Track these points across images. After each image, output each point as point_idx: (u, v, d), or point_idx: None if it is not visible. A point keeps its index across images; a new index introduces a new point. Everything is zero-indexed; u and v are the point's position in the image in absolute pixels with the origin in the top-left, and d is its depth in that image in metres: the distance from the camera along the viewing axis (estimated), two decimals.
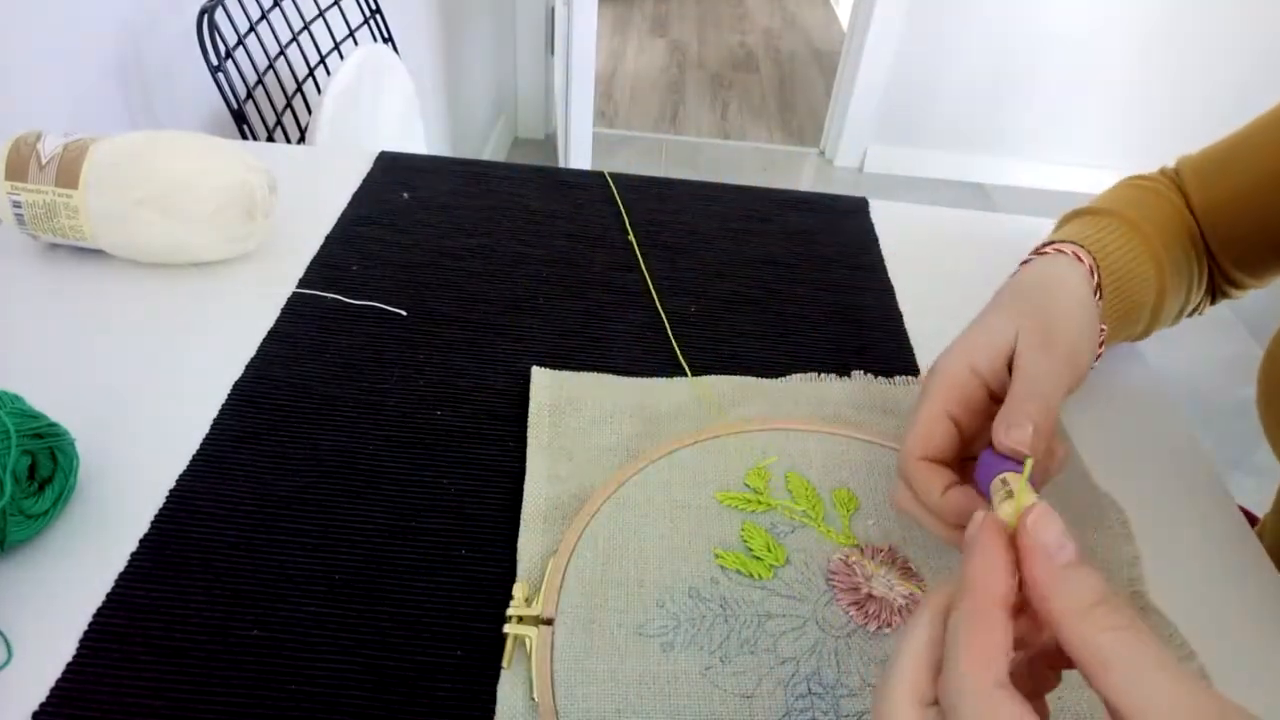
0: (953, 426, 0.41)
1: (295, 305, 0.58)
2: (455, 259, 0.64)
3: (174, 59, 0.96)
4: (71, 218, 0.56)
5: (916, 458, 0.40)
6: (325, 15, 1.18)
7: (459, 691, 0.38)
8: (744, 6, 4.10)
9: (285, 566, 0.42)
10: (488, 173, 0.75)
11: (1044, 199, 2.75)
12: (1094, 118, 2.67)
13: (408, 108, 1.29)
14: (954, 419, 0.41)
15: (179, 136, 0.59)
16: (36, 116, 0.75)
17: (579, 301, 0.61)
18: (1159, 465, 0.52)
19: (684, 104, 3.18)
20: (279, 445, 0.48)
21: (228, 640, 0.39)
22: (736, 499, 0.46)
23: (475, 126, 2.36)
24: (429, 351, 0.56)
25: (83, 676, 0.37)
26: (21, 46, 0.74)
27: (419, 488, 0.47)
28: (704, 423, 0.51)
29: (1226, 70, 2.53)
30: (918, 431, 0.41)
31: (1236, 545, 0.48)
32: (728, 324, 0.60)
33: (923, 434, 0.41)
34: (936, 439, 0.41)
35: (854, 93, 2.66)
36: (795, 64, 3.57)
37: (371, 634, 0.40)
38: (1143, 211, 0.55)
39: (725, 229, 0.71)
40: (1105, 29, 2.49)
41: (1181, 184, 0.58)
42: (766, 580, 0.42)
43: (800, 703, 0.37)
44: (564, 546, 0.43)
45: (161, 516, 0.44)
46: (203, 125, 1.03)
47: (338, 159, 0.76)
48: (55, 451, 0.42)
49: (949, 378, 0.42)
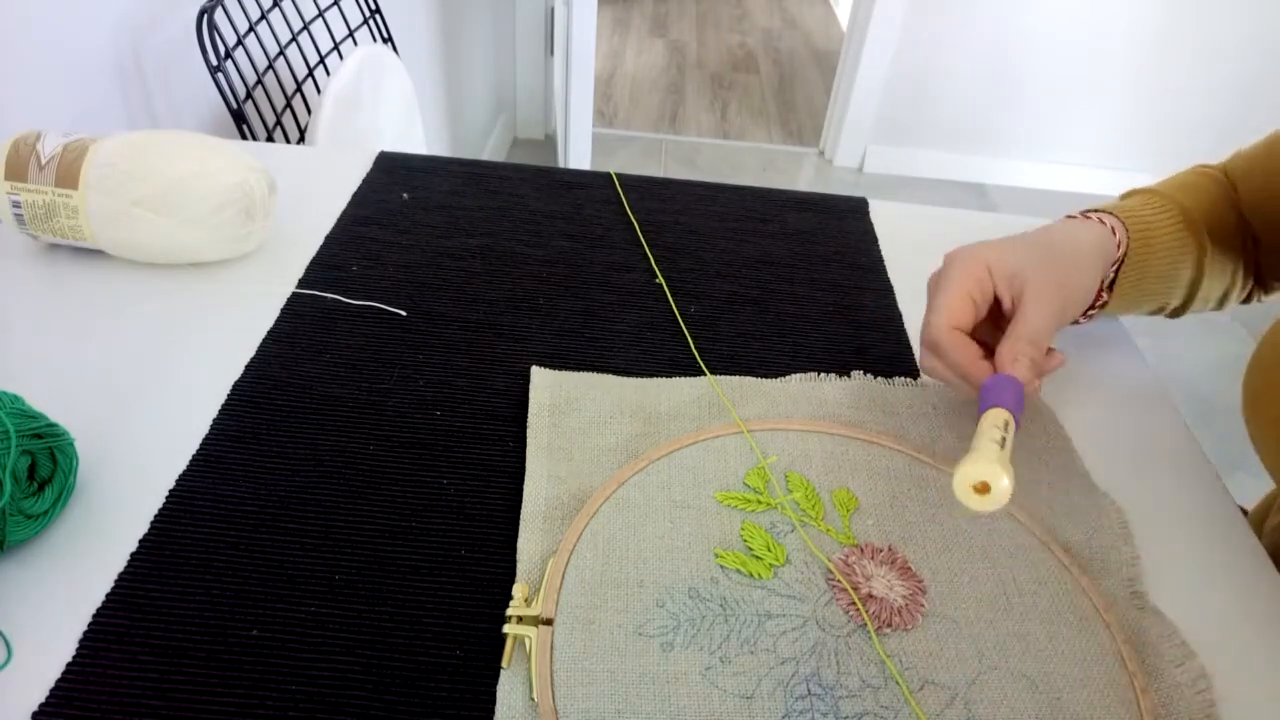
0: (973, 307, 0.49)
1: (295, 305, 0.58)
2: (455, 259, 0.64)
3: (174, 59, 0.96)
4: (71, 218, 0.56)
5: (950, 328, 0.48)
6: (325, 15, 1.18)
7: (459, 691, 0.38)
8: (743, 7, 4.10)
9: (285, 566, 0.42)
10: (488, 173, 0.75)
11: (1043, 199, 2.75)
12: (1093, 117, 2.67)
13: (407, 108, 1.29)
14: (973, 300, 0.49)
15: (179, 137, 0.59)
16: (36, 116, 0.75)
17: (579, 301, 0.61)
18: (1159, 465, 0.52)
19: (684, 104, 3.18)
20: (279, 445, 0.48)
21: (228, 640, 0.39)
22: (736, 499, 0.46)
23: (475, 126, 2.36)
24: (429, 351, 0.55)
25: (83, 676, 0.37)
26: (21, 46, 0.74)
27: (419, 488, 0.47)
28: (704, 423, 0.51)
29: (1226, 70, 2.53)
30: (949, 304, 0.48)
31: (1236, 545, 0.48)
32: (727, 324, 0.60)
33: (954, 307, 0.48)
34: (963, 314, 0.48)
35: (853, 93, 2.66)
36: (795, 64, 3.57)
37: (371, 634, 0.40)
38: (1196, 198, 0.58)
39: (725, 229, 0.71)
40: (1105, 29, 2.49)
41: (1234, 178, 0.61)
42: (766, 580, 0.42)
43: (800, 703, 0.37)
44: (564, 547, 0.43)
45: (161, 516, 0.44)
46: (202, 125, 1.03)
47: (338, 159, 0.76)
48: (55, 451, 0.42)
49: (971, 266, 0.49)
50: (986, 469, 0.39)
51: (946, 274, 0.50)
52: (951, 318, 0.48)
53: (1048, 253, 0.50)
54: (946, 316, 0.48)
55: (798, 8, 4.12)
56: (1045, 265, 0.49)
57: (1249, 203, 0.59)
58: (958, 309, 0.48)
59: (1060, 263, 0.50)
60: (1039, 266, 0.49)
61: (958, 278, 0.49)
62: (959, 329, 0.48)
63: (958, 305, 0.48)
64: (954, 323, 0.48)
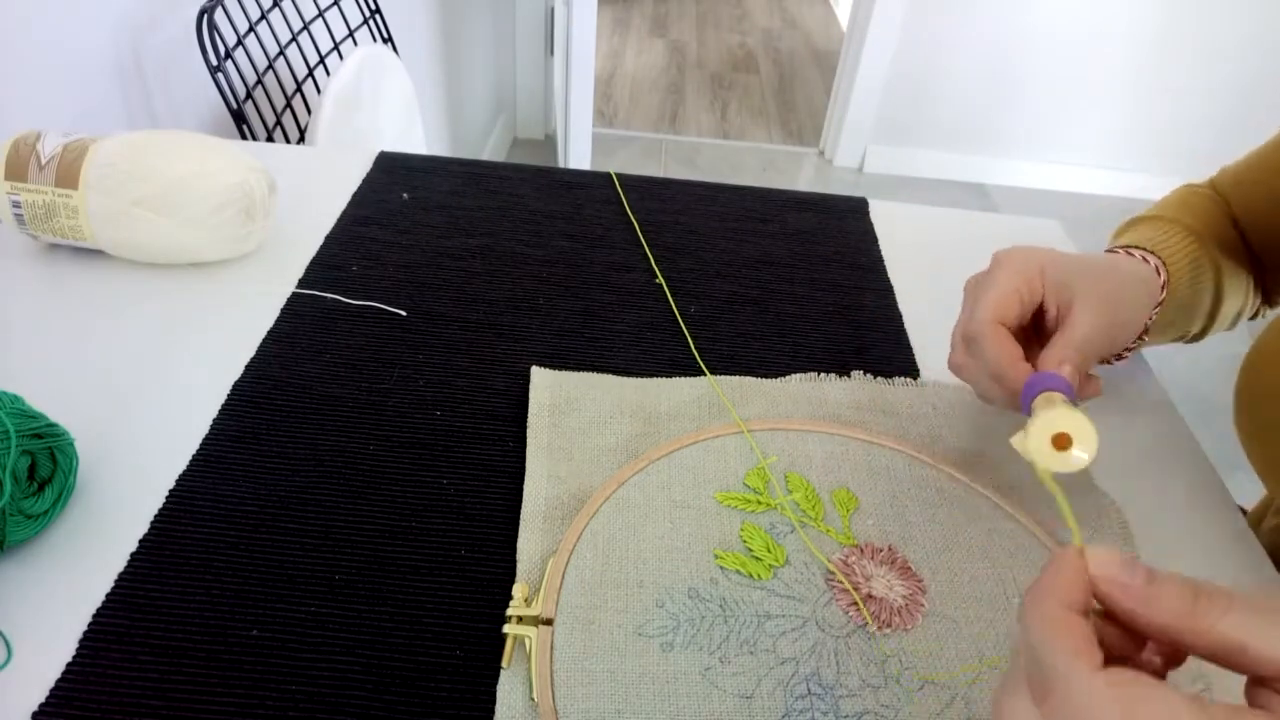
0: (1019, 306, 0.45)
1: (295, 305, 0.58)
2: (455, 259, 0.64)
3: (174, 59, 0.96)
4: (71, 218, 0.56)
5: (995, 321, 0.44)
6: (325, 15, 1.18)
7: (459, 691, 0.38)
8: (743, 7, 4.10)
9: (285, 566, 0.42)
10: (488, 173, 0.75)
11: (1044, 199, 2.75)
12: (1093, 117, 2.67)
13: (407, 108, 1.29)
14: (1021, 300, 0.45)
15: (179, 137, 0.59)
16: (36, 116, 0.75)
17: (579, 301, 0.61)
18: (1159, 465, 0.52)
19: (684, 104, 3.18)
20: (279, 445, 0.48)
21: (228, 640, 0.39)
22: (736, 499, 0.46)
23: (475, 126, 2.36)
24: (429, 351, 0.56)
25: (83, 676, 0.37)
26: (21, 46, 0.74)
27: (419, 488, 0.47)
28: (704, 423, 0.51)
29: (1226, 70, 2.53)
30: (996, 299, 0.45)
31: (1236, 545, 0.48)
32: (727, 324, 0.60)
33: (1001, 302, 0.45)
34: (1008, 310, 0.45)
35: (853, 93, 2.66)
36: (795, 64, 3.57)
37: (371, 634, 0.40)
38: (1201, 218, 0.57)
39: (725, 229, 0.71)
40: (1105, 29, 2.49)
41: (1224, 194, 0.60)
42: (766, 581, 0.42)
43: (800, 703, 0.37)
44: (564, 547, 0.43)
45: (161, 516, 0.44)
46: (202, 125, 1.03)
47: (338, 159, 0.76)
48: (55, 451, 0.42)
49: (1024, 265, 0.46)
50: (1068, 416, 0.33)
51: (993, 272, 0.47)
52: (997, 311, 0.45)
53: (1102, 270, 0.48)
54: (993, 310, 0.45)
55: (798, 8, 4.12)
56: (1099, 280, 0.46)
57: (1245, 213, 0.58)
58: (1005, 304, 0.45)
59: (1113, 283, 0.48)
60: (1092, 279, 0.46)
61: (1008, 274, 0.46)
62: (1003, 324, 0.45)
63: (1005, 301, 0.45)
64: (998, 315, 0.45)
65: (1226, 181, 0.60)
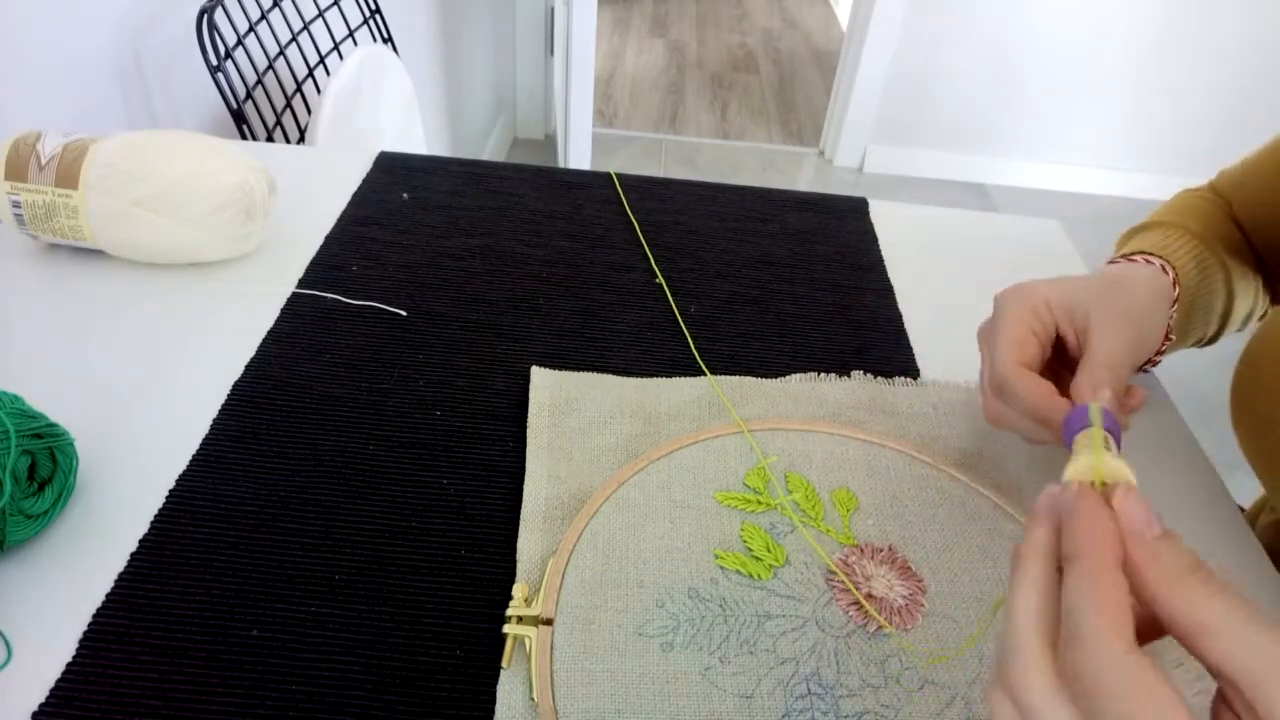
0: (1037, 343, 0.44)
1: (295, 305, 0.58)
2: (455, 259, 0.64)
3: (174, 59, 0.96)
4: (71, 218, 0.56)
5: (1018, 364, 0.43)
6: (325, 15, 1.18)
7: (459, 691, 0.38)
8: (743, 7, 4.10)
9: (285, 566, 0.42)
10: (488, 173, 0.75)
11: (1044, 199, 2.75)
12: (1093, 117, 2.67)
13: (407, 108, 1.29)
14: (1035, 336, 0.45)
15: (178, 137, 0.59)
16: (36, 116, 0.75)
17: (579, 301, 0.61)
18: (1159, 465, 0.52)
19: (684, 104, 3.18)
20: (279, 445, 0.48)
21: (228, 640, 0.39)
22: (736, 499, 0.46)
23: (475, 126, 2.36)
24: (429, 351, 0.55)
25: (83, 676, 0.37)
26: (21, 46, 0.74)
27: (419, 488, 0.47)
28: (704, 423, 0.51)
29: (1226, 70, 2.53)
30: (1011, 341, 0.44)
31: (1236, 545, 0.48)
32: (727, 324, 0.60)
33: (1016, 342, 0.44)
34: (1027, 349, 0.44)
35: (853, 93, 2.65)
36: (795, 64, 3.57)
37: (371, 634, 0.40)
38: (1203, 221, 0.56)
39: (725, 229, 0.71)
40: (1105, 29, 2.49)
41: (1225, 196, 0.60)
42: (766, 581, 0.42)
43: (800, 703, 0.37)
44: (564, 547, 0.43)
45: (161, 516, 0.44)
46: (202, 125, 1.03)
47: (338, 159, 0.76)
48: (55, 451, 0.42)
49: (1026, 300, 0.45)
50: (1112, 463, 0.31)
51: (1000, 314, 0.46)
52: (1016, 353, 0.43)
53: (1109, 285, 0.47)
54: (1012, 352, 0.43)
55: (798, 8, 4.12)
56: (1108, 295, 0.45)
57: (1248, 216, 0.58)
58: (1022, 343, 0.44)
59: (1123, 294, 0.46)
60: (1101, 296, 0.45)
61: (1015, 313, 0.45)
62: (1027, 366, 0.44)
63: (1021, 340, 0.44)
64: (1020, 358, 0.43)
65: (1227, 184, 0.60)
